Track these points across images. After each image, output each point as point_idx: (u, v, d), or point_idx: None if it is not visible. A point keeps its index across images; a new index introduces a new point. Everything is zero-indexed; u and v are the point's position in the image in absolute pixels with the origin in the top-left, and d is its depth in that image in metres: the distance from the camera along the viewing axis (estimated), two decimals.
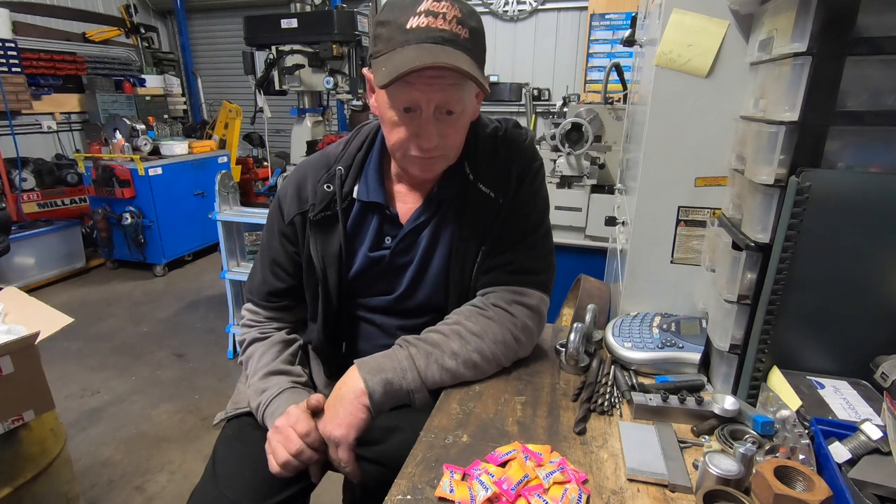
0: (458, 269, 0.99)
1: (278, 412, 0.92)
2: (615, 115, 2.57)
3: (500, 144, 1.00)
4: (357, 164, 1.01)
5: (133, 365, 3.00)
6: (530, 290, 0.98)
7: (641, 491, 0.71)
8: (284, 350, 1.05)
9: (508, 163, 0.98)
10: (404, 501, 0.69)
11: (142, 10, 6.55)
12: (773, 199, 0.82)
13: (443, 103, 0.84)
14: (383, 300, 1.05)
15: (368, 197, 0.99)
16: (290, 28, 3.38)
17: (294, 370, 1.03)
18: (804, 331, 0.85)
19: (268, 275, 1.07)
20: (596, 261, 2.39)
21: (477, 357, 0.93)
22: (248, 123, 4.61)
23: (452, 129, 0.88)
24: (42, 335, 1.32)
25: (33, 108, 4.72)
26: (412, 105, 0.84)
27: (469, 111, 0.91)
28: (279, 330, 1.09)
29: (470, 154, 0.97)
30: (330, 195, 0.99)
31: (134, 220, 4.16)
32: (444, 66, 0.78)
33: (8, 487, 1.30)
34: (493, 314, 0.95)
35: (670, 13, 1.05)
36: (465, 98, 0.87)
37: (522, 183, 0.98)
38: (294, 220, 1.01)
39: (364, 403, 0.87)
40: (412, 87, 0.82)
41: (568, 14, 5.23)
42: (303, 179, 1.02)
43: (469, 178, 0.97)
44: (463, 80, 0.83)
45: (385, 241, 1.02)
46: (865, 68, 0.75)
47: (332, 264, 1.00)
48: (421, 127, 0.86)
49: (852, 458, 0.69)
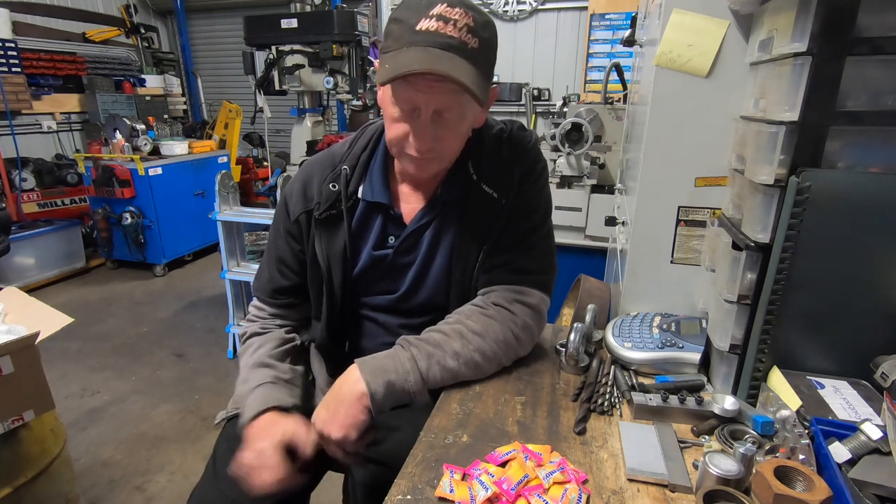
0: (461, 268, 0.99)
1: (251, 407, 0.93)
2: (615, 115, 2.57)
3: (504, 145, 1.00)
4: (362, 164, 1.02)
5: (133, 365, 3.00)
6: (531, 290, 0.98)
7: (641, 491, 0.71)
8: (278, 347, 1.05)
9: (512, 163, 0.99)
10: (404, 501, 0.69)
11: (142, 10, 6.55)
12: (773, 199, 0.82)
13: (442, 108, 0.85)
14: (386, 299, 1.06)
15: (373, 197, 1.00)
16: (290, 28, 3.37)
17: (280, 366, 1.02)
18: (804, 331, 0.85)
19: (273, 272, 1.08)
20: (596, 261, 2.39)
21: (478, 357, 0.93)
22: (248, 123, 4.60)
23: (449, 134, 0.89)
24: (42, 335, 1.32)
25: (33, 108, 4.72)
26: (412, 105, 0.85)
27: (469, 119, 0.91)
28: (281, 328, 1.10)
29: (474, 154, 0.98)
30: (335, 194, 1.00)
31: (134, 220, 4.16)
32: (441, 74, 0.78)
33: (8, 487, 1.30)
34: (493, 313, 0.95)
35: (670, 13, 1.05)
36: (465, 105, 0.87)
37: (525, 183, 0.99)
38: (299, 219, 1.02)
39: (365, 405, 0.87)
40: (413, 88, 0.83)
41: (568, 14, 5.23)
42: (308, 178, 1.03)
43: (473, 178, 0.98)
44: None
45: (389, 241, 1.02)
46: (865, 68, 0.75)
47: (337, 263, 1.01)
48: (418, 128, 0.86)
49: (852, 458, 0.69)
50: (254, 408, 0.92)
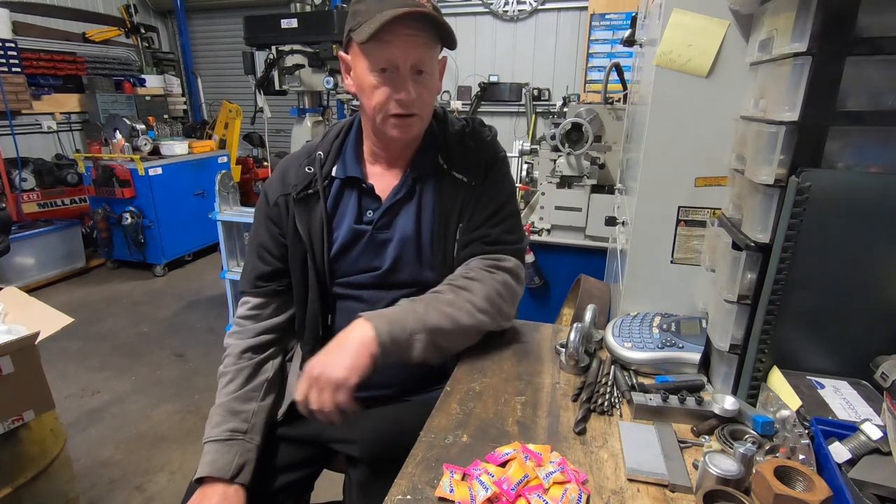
0: (441, 244, 1.05)
1: (200, 464, 0.95)
2: (615, 115, 2.57)
3: (467, 139, 1.10)
4: (335, 148, 1.10)
5: (133, 365, 3.00)
6: (506, 256, 1.06)
7: (641, 491, 0.71)
8: (248, 381, 1.05)
9: (477, 153, 1.09)
10: (404, 501, 0.69)
11: (142, 10, 6.55)
12: (773, 199, 0.82)
13: (417, 61, 0.93)
14: (370, 276, 1.08)
15: (346, 173, 1.07)
16: (290, 28, 3.37)
17: (245, 410, 1.02)
18: (804, 331, 0.85)
19: (255, 261, 1.10)
20: (596, 261, 2.39)
21: (470, 306, 0.98)
22: (248, 123, 4.60)
23: (425, 90, 0.97)
24: (42, 335, 1.32)
25: (33, 108, 4.71)
26: (390, 63, 0.92)
27: (436, 78, 1.01)
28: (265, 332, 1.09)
29: (441, 148, 1.07)
30: (311, 176, 1.07)
31: (134, 220, 4.16)
32: (422, 11, 0.88)
33: (8, 487, 1.30)
34: (476, 275, 1.02)
35: (670, 13, 1.05)
36: (434, 59, 0.98)
37: (491, 169, 1.08)
38: (278, 201, 1.07)
39: (371, 351, 0.88)
40: (391, 45, 0.90)
41: (568, 14, 5.23)
42: (286, 168, 1.11)
43: (443, 167, 1.06)
44: (433, 42, 0.94)
45: (366, 215, 1.07)
46: (865, 68, 0.75)
47: (318, 240, 1.05)
48: (399, 84, 0.94)
49: (852, 458, 0.69)
50: (201, 468, 0.95)
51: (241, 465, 0.96)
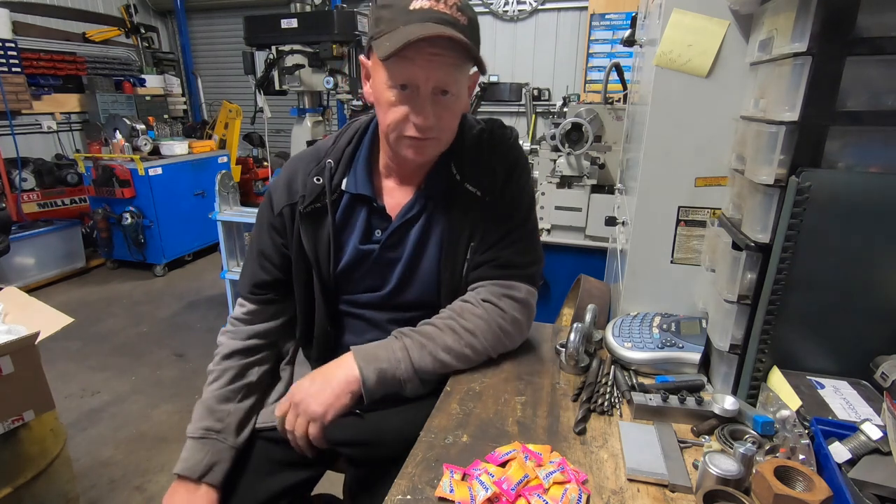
0: (450, 266, 1.00)
1: (180, 458, 0.97)
2: (615, 115, 2.57)
3: (485, 145, 1.02)
4: (347, 157, 1.02)
5: (133, 365, 3.00)
6: (518, 284, 1.00)
7: (641, 491, 0.71)
8: (231, 383, 1.04)
9: (494, 161, 1.00)
10: (404, 501, 0.69)
11: (142, 10, 6.55)
12: (773, 199, 0.82)
13: (440, 83, 0.86)
14: (373, 296, 1.05)
15: (356, 189, 1.00)
16: (290, 28, 3.38)
17: (220, 410, 1.02)
18: (804, 331, 0.85)
19: (255, 267, 1.07)
20: (596, 261, 2.39)
21: (469, 351, 0.96)
22: (248, 123, 4.60)
23: (447, 112, 0.90)
24: (42, 335, 1.32)
25: (33, 108, 4.71)
26: (410, 82, 0.85)
27: (463, 98, 0.93)
28: (256, 336, 1.08)
29: (456, 155, 0.99)
30: (319, 188, 1.00)
31: (134, 220, 4.16)
32: (450, 36, 0.80)
33: (8, 487, 1.30)
34: (482, 312, 0.97)
35: (670, 13, 1.05)
36: (460, 81, 0.89)
37: (509, 180, 1.00)
38: (283, 212, 1.02)
39: (352, 390, 0.89)
40: (412, 64, 0.83)
41: (568, 14, 5.23)
42: (293, 173, 1.04)
43: (456, 178, 0.99)
44: (460, 62, 0.86)
45: (374, 235, 1.02)
46: (865, 68, 0.75)
47: (324, 257, 1.02)
48: (418, 105, 0.87)
49: (852, 458, 0.69)
50: (177, 464, 0.97)
51: (211, 464, 0.96)
